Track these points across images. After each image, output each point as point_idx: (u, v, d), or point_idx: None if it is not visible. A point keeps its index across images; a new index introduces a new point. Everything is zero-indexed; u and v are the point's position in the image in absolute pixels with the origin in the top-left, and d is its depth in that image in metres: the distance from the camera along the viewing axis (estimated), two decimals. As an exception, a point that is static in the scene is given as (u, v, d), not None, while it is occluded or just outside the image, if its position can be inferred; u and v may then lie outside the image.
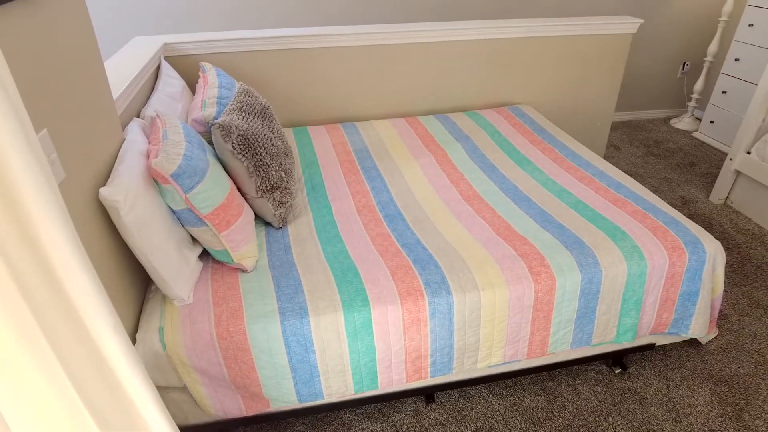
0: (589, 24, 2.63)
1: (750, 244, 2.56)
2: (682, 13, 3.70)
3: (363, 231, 1.63)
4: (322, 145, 2.21)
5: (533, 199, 1.80)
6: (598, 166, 2.04)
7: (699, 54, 3.92)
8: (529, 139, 2.27)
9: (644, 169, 3.27)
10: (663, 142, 3.68)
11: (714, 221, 2.74)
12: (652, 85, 3.97)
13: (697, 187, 3.07)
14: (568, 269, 1.49)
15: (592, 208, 1.75)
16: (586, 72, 2.77)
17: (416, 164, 2.06)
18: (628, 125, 3.96)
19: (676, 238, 1.61)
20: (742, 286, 2.28)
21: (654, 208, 1.75)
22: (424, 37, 2.46)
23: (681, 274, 1.61)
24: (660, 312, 1.65)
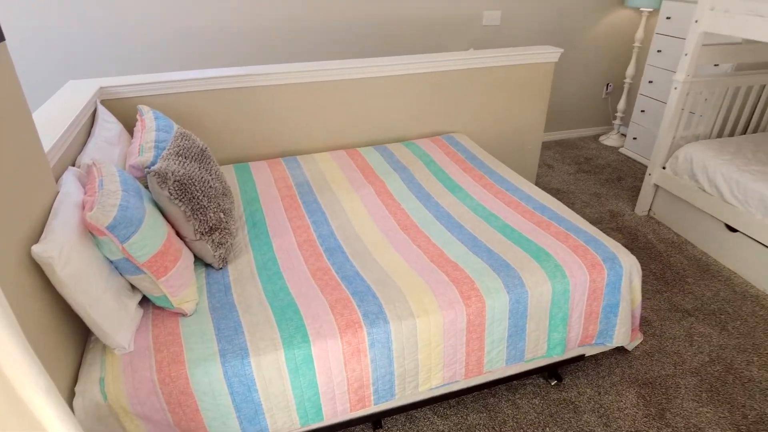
0: (514, 55, 2.82)
1: (670, 252, 2.77)
2: (602, 39, 4.00)
3: (304, 266, 1.68)
4: (264, 181, 2.26)
5: (465, 225, 1.92)
6: (525, 190, 2.18)
7: (620, 76, 4.23)
8: (462, 167, 2.40)
9: (576, 185, 3.49)
10: (593, 158, 3.93)
11: (639, 232, 2.95)
12: (581, 105, 4.24)
13: (624, 201, 3.30)
14: (496, 291, 1.59)
15: (518, 231, 1.87)
16: (514, 99, 2.95)
17: (356, 196, 2.14)
18: (560, 144, 4.20)
19: (595, 255, 1.76)
20: (663, 292, 2.47)
21: (575, 228, 1.90)
22: (360, 73, 2.57)
23: (601, 288, 1.75)
24: (586, 325, 1.78)
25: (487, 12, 3.62)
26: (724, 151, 2.73)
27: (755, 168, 2.57)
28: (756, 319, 2.31)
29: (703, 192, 2.71)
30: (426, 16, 3.48)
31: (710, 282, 2.54)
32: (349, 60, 2.62)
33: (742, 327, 2.26)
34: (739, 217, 2.53)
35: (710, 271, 2.62)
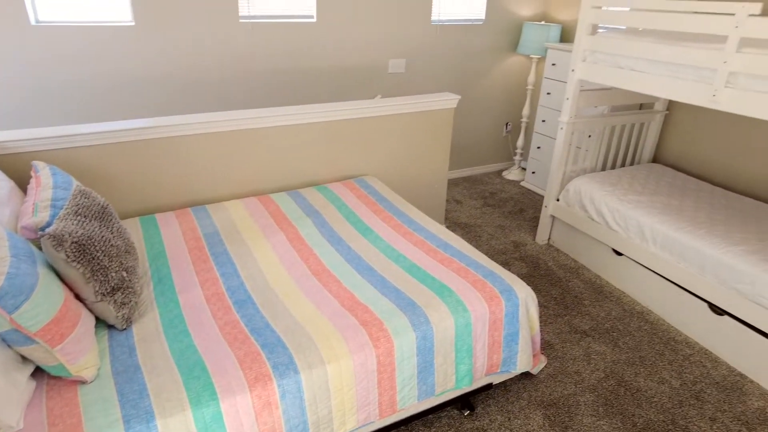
0: (417, 102, 3.01)
1: (568, 277, 3.01)
2: (499, 82, 4.35)
3: (212, 321, 1.68)
4: (171, 234, 2.23)
5: (375, 268, 2.00)
6: (431, 229, 2.32)
7: (517, 115, 4.61)
8: (372, 209, 2.50)
9: (482, 219, 3.71)
10: (497, 192, 4.21)
11: (540, 260, 3.19)
12: (484, 143, 4.56)
13: (526, 231, 3.55)
14: (404, 331, 1.67)
15: (423, 269, 1.98)
16: (420, 142, 3.13)
17: (268, 244, 2.16)
18: (468, 180, 4.46)
19: (493, 288, 1.89)
20: (564, 315, 2.67)
21: (475, 263, 2.03)
22: (270, 123, 2.63)
23: (501, 319, 1.88)
24: (490, 354, 1.90)
25: (393, 60, 3.84)
26: (606, 183, 3.05)
27: (632, 197, 2.89)
28: (642, 333, 2.56)
29: (592, 221, 2.99)
30: (335, 65, 3.63)
31: (604, 302, 2.79)
32: (259, 110, 2.67)
33: (630, 342, 2.50)
34: (622, 242, 2.82)
35: (603, 292, 2.88)
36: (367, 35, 3.67)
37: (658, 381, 2.26)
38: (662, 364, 2.36)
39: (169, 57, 3.13)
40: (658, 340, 2.52)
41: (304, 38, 3.47)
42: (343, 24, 3.56)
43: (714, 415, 2.09)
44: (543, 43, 3.96)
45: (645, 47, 2.52)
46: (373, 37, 3.71)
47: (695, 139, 3.38)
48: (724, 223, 2.62)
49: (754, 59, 2.10)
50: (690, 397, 2.18)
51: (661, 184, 3.12)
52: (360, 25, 3.62)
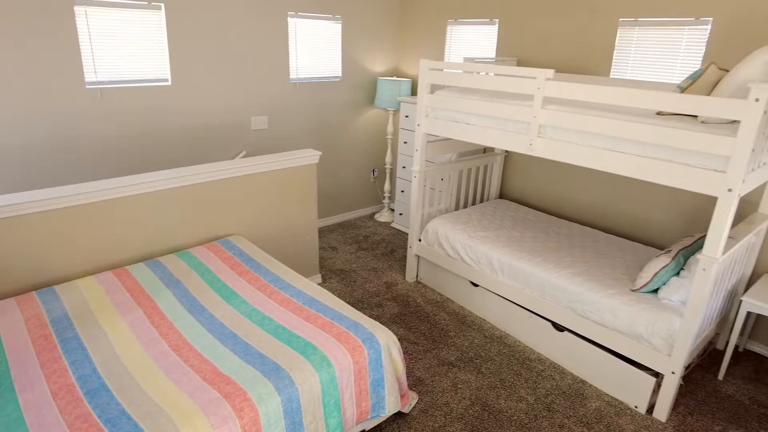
0: (279, 160, 3.10)
1: (435, 311, 3.24)
2: (363, 133, 4.62)
3: (59, 418, 1.57)
4: (11, 324, 2.04)
5: (238, 334, 2.01)
6: (298, 286, 2.39)
7: (382, 162, 4.90)
8: (238, 271, 2.51)
9: (357, 263, 3.86)
10: (370, 235, 4.41)
11: (410, 298, 3.39)
12: (355, 189, 4.77)
13: (397, 271, 3.76)
14: (268, 396, 1.70)
15: (289, 330, 2.04)
16: (286, 198, 3.21)
17: (124, 323, 2.07)
18: (343, 225, 4.62)
19: (355, 338, 2.00)
20: (432, 350, 2.86)
21: (339, 316, 2.14)
22: (126, 192, 2.54)
23: (365, 368, 1.99)
24: (358, 403, 1.99)
25: (255, 118, 3.93)
26: (459, 222, 3.36)
27: (480, 233, 3.22)
28: (501, 357, 2.83)
29: (449, 257, 3.27)
30: (197, 125, 3.62)
31: (467, 332, 3.04)
32: (114, 180, 2.58)
33: (492, 366, 2.74)
34: (476, 275, 3.11)
35: (466, 322, 3.13)
36: (226, 95, 3.73)
37: (516, 400, 2.51)
38: (520, 383, 2.63)
39: (5, 129, 2.91)
40: (516, 361, 2.80)
41: (160, 102, 3.43)
42: (201, 85, 3.58)
43: (562, 422, 2.37)
44: (396, 97, 4.31)
45: (474, 104, 2.88)
46: (234, 97, 3.77)
47: (530, 175, 3.87)
48: (556, 250, 3.02)
49: (554, 114, 2.51)
50: (543, 409, 2.45)
51: (506, 218, 3.52)
52: (218, 85, 3.66)
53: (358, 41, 4.38)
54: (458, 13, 4.12)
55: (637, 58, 3.17)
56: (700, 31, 2.90)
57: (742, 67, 2.06)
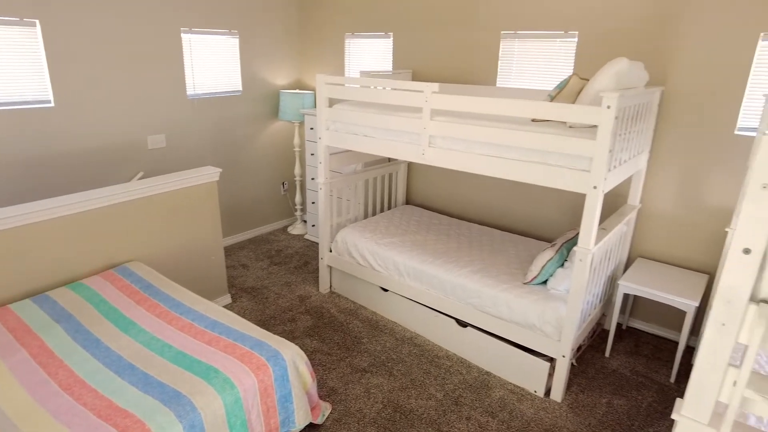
0: (177, 180, 3.02)
1: (349, 320, 3.30)
2: (270, 146, 4.59)
3: (-72, 480, 1.45)
4: None
5: (137, 365, 1.95)
6: (200, 309, 2.34)
7: (291, 174, 4.90)
8: (135, 299, 2.42)
9: (269, 279, 3.84)
10: (283, 249, 4.39)
11: (324, 309, 3.42)
12: (266, 203, 4.73)
13: (310, 283, 3.78)
14: (169, 425, 1.67)
15: (190, 355, 2.00)
16: (187, 218, 3.13)
17: (4, 367, 1.93)
18: (254, 241, 4.56)
19: (260, 357, 2.01)
20: (345, 358, 2.92)
21: (243, 336, 2.13)
22: (4, 224, 2.37)
23: (271, 385, 2.00)
24: (267, 421, 2.00)
25: (152, 137, 3.79)
26: (367, 231, 3.45)
27: (387, 240, 3.33)
28: (412, 357, 2.94)
29: (359, 265, 3.34)
30: (89, 147, 3.43)
31: (380, 336, 3.13)
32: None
33: (403, 368, 2.84)
34: (385, 280, 3.21)
35: (379, 327, 3.22)
36: (119, 114, 3.57)
37: (426, 398, 2.62)
38: (429, 381, 2.75)
39: None
40: (425, 360, 2.93)
41: (43, 124, 3.21)
42: (90, 104, 3.40)
43: (469, 414, 2.51)
44: (299, 109, 4.33)
45: (370, 117, 2.98)
46: (127, 115, 3.61)
47: (432, 181, 4.05)
48: (456, 250, 3.19)
49: (442, 125, 2.67)
50: (451, 404, 2.58)
51: (411, 223, 3.66)
52: (109, 104, 3.50)
53: (258, 55, 4.36)
54: (355, 27, 4.23)
55: (520, 68, 3.43)
56: (569, 43, 3.20)
57: (597, 77, 2.31)
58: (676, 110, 2.90)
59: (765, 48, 2.63)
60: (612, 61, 2.30)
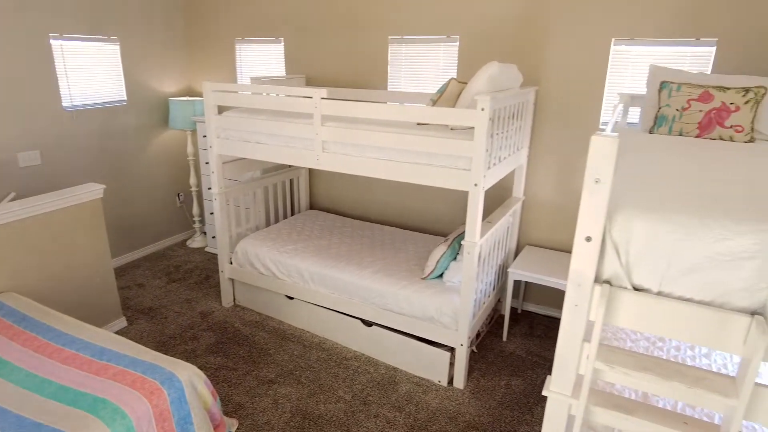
0: (58, 199, 2.78)
1: (255, 332, 3.24)
2: (161, 157, 4.37)
3: None
4: None
5: (9, 408, 1.78)
6: (85, 337, 2.19)
7: (187, 185, 4.70)
8: (8, 334, 2.21)
9: (167, 297, 3.66)
10: (182, 265, 4.20)
11: (228, 324, 3.33)
12: (161, 217, 4.49)
13: (212, 298, 3.66)
14: (48, 468, 1.55)
15: (74, 388, 1.87)
16: (69, 240, 2.90)
17: None
18: (151, 258, 4.32)
19: (153, 382, 1.92)
20: (252, 371, 2.86)
21: (134, 362, 2.02)
22: None
23: (167, 409, 1.92)
24: (165, 447, 1.92)
25: (23, 153, 3.46)
26: (268, 239, 3.41)
27: (290, 247, 3.31)
28: (320, 362, 2.95)
29: (262, 275, 3.29)
30: (-63, 169, 3.06)
31: (287, 346, 3.10)
32: None
33: (311, 375, 2.85)
34: (290, 288, 3.19)
35: (286, 336, 3.20)
36: (-22, 131, 3.22)
37: (335, 401, 2.64)
38: (338, 384, 2.78)
39: None
40: (334, 363, 2.95)
41: None
42: (-61, 123, 3.04)
43: (377, 412, 2.58)
44: (191, 117, 4.17)
45: (262, 124, 2.94)
46: (-11, 133, 3.27)
47: (334, 184, 4.08)
48: (359, 252, 3.25)
49: (333, 130, 2.70)
50: (360, 404, 2.63)
51: (315, 228, 3.66)
52: (-36, 122, 3.15)
53: (142, 62, 4.13)
54: (244, 32, 4.15)
55: (408, 71, 3.56)
56: (452, 47, 3.37)
57: (473, 81, 2.46)
58: (550, 108, 3.16)
59: (617, 52, 2.95)
60: (485, 65, 2.46)
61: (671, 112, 2.45)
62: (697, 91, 2.42)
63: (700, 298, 1.23)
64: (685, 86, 2.45)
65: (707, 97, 2.39)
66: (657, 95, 2.55)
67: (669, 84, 2.50)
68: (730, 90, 2.37)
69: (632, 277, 1.27)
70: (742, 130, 2.33)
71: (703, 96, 2.40)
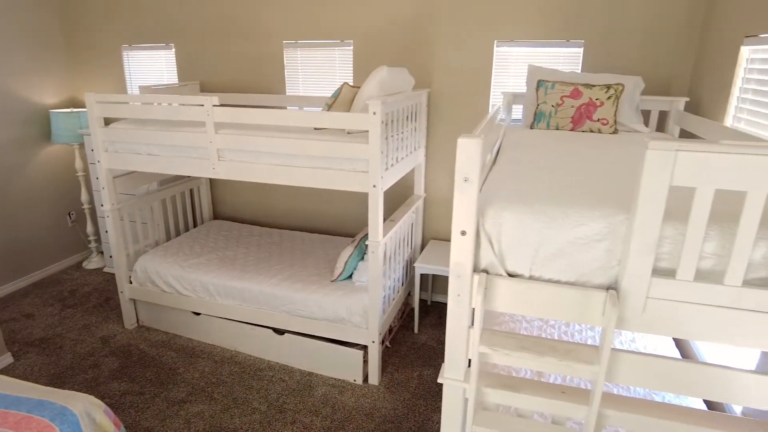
0: None
1: (162, 352, 3.10)
2: (47, 173, 4.02)
3: None
4: None
5: None
6: (-43, 380, 1.99)
7: (78, 203, 4.37)
8: None
9: (62, 326, 3.39)
10: (78, 288, 3.91)
11: (132, 347, 3.16)
12: (51, 239, 4.14)
13: (114, 321, 3.44)
14: None
15: (-56, 438, 1.69)
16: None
17: None
18: (41, 284, 3.98)
19: (41, 420, 1.78)
20: (160, 393, 2.74)
21: (18, 401, 1.87)
22: None
23: (60, 445, 1.79)
24: (60, 487, 1.79)
25: None
26: (169, 255, 3.26)
27: (192, 261, 3.19)
28: (233, 376, 2.89)
29: (165, 293, 3.15)
30: None
31: (197, 363, 3.00)
32: None
33: (224, 389, 2.78)
34: (195, 303, 3.08)
35: (195, 353, 3.09)
36: None
37: (250, 413, 2.60)
38: (252, 396, 2.73)
39: None
40: (247, 375, 2.89)
41: None
42: None
43: (294, 418, 2.57)
44: (77, 130, 3.88)
45: (153, 135, 2.81)
46: None
47: (239, 191, 3.99)
48: (266, 260, 3.21)
49: (228, 138, 2.65)
50: (276, 413, 2.61)
51: (219, 239, 3.56)
52: None
53: (15, 72, 3.78)
54: (132, 39, 3.93)
55: (306, 76, 3.56)
56: (346, 51, 3.42)
57: (364, 85, 2.52)
58: (443, 109, 3.31)
59: (500, 53, 3.15)
60: (375, 70, 2.53)
61: (548, 108, 2.67)
62: (569, 89, 2.65)
63: (566, 279, 1.36)
64: (558, 84, 2.68)
65: (577, 93, 2.63)
66: (535, 93, 2.76)
67: (545, 82, 2.71)
68: (595, 87, 2.62)
69: (506, 264, 1.38)
70: (607, 123, 2.59)
71: (573, 93, 2.64)
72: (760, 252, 1.21)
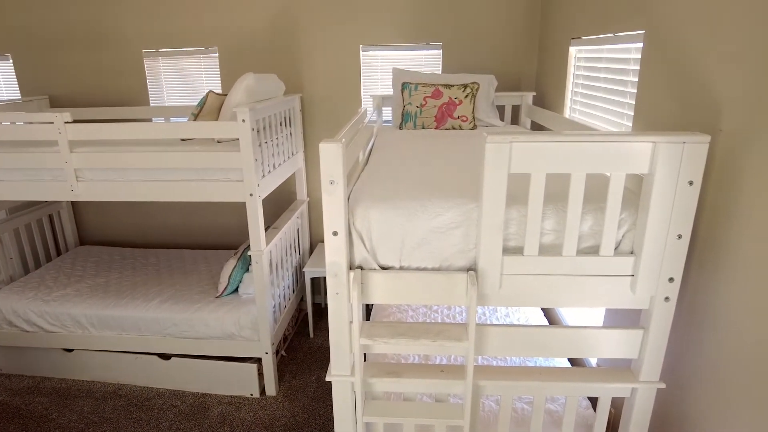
0: None
1: (28, 400, 2.78)
2: None
3: None
4: None
5: None
6: None
7: None
8: None
9: None
10: None
11: (-10, 398, 2.79)
12: None
13: (-35, 373, 3.02)
14: None
15: None
16: None
17: None
18: None
19: None
20: (30, 445, 2.46)
21: None
22: None
23: None
24: None
25: None
26: (28, 289, 2.94)
27: (58, 293, 2.91)
28: (118, 411, 2.68)
29: (27, 333, 2.83)
30: None
31: (74, 404, 2.73)
32: None
33: (109, 427, 2.57)
34: (66, 339, 2.81)
35: (71, 394, 2.81)
36: None
37: (139, 447, 2.44)
38: (142, 428, 2.56)
39: None
40: (135, 408, 2.70)
41: None
42: None
43: (189, 444, 2.45)
44: None
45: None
46: None
47: (107, 212, 3.70)
48: (143, 283, 3.02)
49: (86, 156, 2.45)
50: (168, 441, 2.47)
51: (88, 266, 3.28)
52: None
53: None
54: (-44, 50, 3.46)
55: (171, 85, 3.40)
56: (212, 59, 3.33)
57: (231, 93, 2.48)
58: (317, 112, 3.35)
59: (366, 57, 3.26)
60: (241, 77, 2.50)
61: (413, 109, 2.83)
62: (430, 89, 2.83)
63: (431, 266, 1.47)
64: (421, 86, 2.85)
65: (438, 94, 2.82)
66: (401, 95, 2.91)
67: (409, 84, 2.87)
68: (453, 86, 2.83)
69: (378, 258, 1.46)
70: (467, 120, 2.80)
71: (435, 93, 2.82)
72: (587, 224, 1.41)
